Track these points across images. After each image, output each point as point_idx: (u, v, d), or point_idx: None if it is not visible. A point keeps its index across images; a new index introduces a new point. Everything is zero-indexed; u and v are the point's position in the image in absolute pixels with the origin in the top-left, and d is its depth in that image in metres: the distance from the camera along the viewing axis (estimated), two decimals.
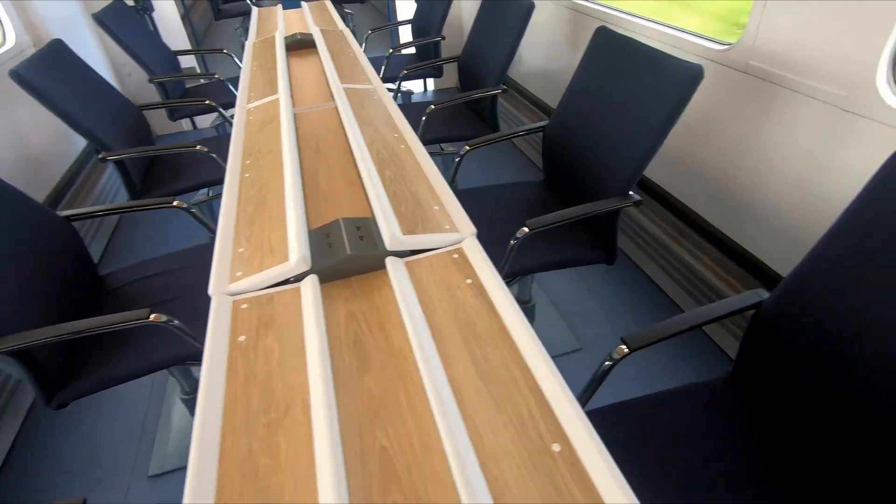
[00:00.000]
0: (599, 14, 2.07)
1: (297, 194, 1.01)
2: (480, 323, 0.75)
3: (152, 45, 2.58)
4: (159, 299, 1.31)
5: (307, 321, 0.76)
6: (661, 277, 1.88)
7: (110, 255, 2.27)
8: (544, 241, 1.36)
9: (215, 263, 0.88)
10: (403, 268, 0.86)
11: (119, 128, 1.83)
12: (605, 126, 1.35)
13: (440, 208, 1.00)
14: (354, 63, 1.85)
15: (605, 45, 1.42)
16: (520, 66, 2.97)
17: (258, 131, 1.37)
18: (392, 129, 1.33)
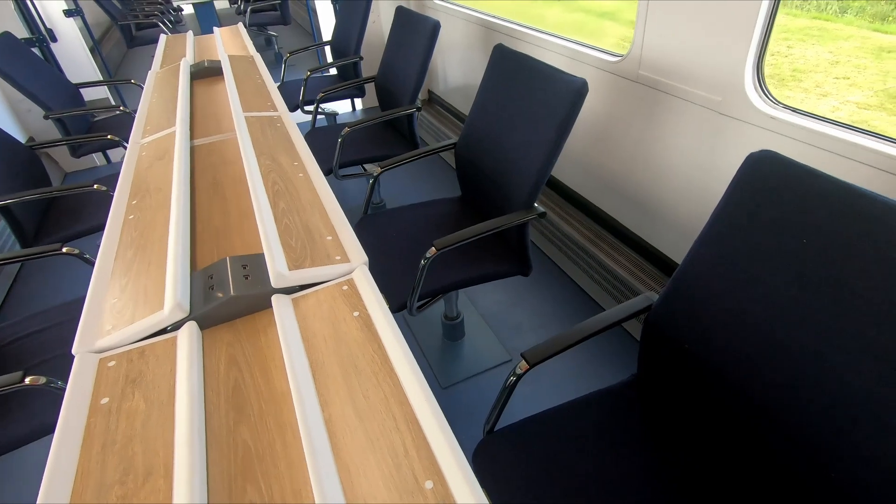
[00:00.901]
0: (504, 29, 2.13)
1: (180, 234, 0.96)
2: (363, 357, 0.73)
3: (49, 80, 2.42)
4: (48, 356, 1.21)
5: (180, 374, 0.71)
6: (585, 280, 1.93)
7: (7, 310, 2.09)
8: (459, 259, 1.36)
9: (83, 319, 0.81)
10: (290, 305, 0.83)
11: (7, 171, 1.70)
12: (507, 141, 1.37)
13: (333, 238, 0.97)
14: (261, 89, 1.81)
15: (503, 62, 1.45)
16: (443, 81, 3.01)
17: (147, 168, 1.30)
18: (292, 158, 1.30)
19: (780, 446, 0.74)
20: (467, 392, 1.58)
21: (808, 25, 7.94)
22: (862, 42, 6.63)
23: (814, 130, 1.09)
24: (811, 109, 1.15)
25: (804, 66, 6.30)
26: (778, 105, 1.17)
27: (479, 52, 2.45)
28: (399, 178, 2.79)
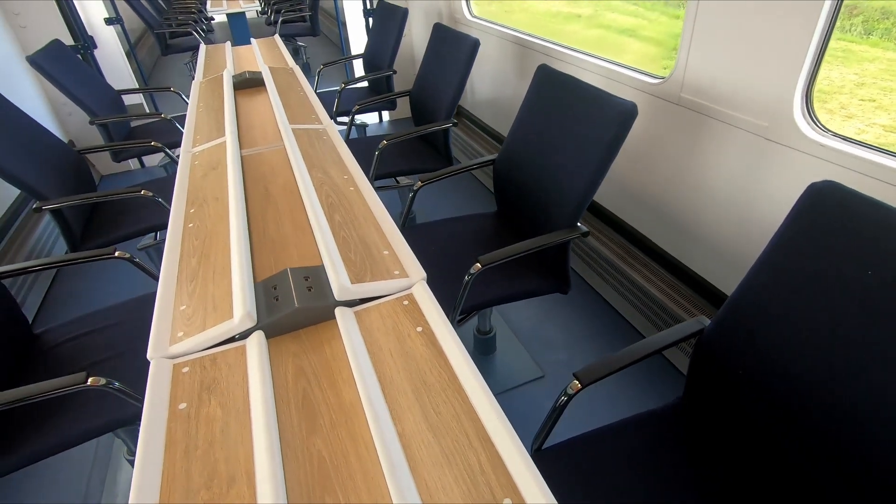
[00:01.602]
0: (542, 48, 2.16)
1: (243, 244, 0.99)
2: (431, 373, 0.74)
3: (93, 86, 2.50)
4: (100, 357, 1.24)
5: (252, 383, 0.74)
6: (618, 300, 1.93)
7: (48, 310, 2.14)
8: (499, 275, 1.38)
9: (154, 325, 0.84)
10: (353, 318, 0.85)
11: (56, 174, 1.75)
12: (550, 160, 1.39)
13: (389, 252, 1.00)
14: (304, 102, 1.85)
15: (547, 82, 1.48)
16: (472, 96, 3.05)
17: (203, 177, 1.34)
18: (342, 171, 1.33)
19: (834, 478, 0.74)
20: (502, 406, 1.59)
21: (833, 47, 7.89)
22: (888, 65, 6.58)
23: (864, 159, 1.09)
24: (837, 131, 1.16)
25: (829, 87, 6.26)
26: (827, 133, 1.17)
27: (512, 69, 2.49)
28: (430, 191, 2.82)
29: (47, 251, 2.43)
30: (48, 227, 2.49)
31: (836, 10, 1.09)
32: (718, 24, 1.31)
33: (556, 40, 2.10)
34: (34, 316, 2.10)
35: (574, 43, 2.20)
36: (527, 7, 9.24)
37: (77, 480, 1.46)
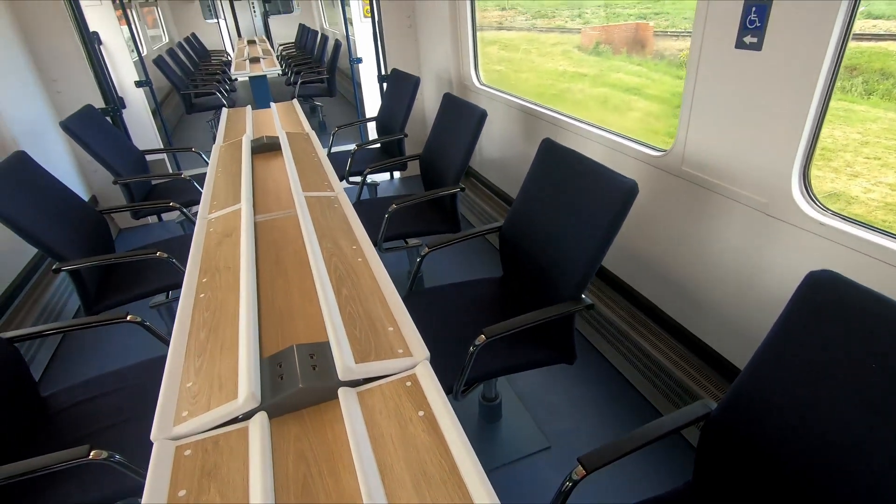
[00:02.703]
0: (547, 117, 2.25)
1: (251, 322, 1.01)
2: (431, 463, 0.74)
3: (119, 147, 2.63)
4: (105, 424, 1.24)
5: (253, 471, 0.74)
6: (625, 367, 1.91)
7: (57, 368, 2.15)
8: (504, 345, 1.38)
9: (160, 404, 0.85)
10: (356, 400, 0.86)
11: (77, 234, 1.82)
12: (555, 231, 1.42)
13: (394, 329, 1.01)
14: (318, 168, 1.93)
15: (550, 155, 1.54)
16: (481, 157, 3.15)
17: (217, 244, 1.39)
18: (351, 241, 1.37)
19: None
20: (507, 480, 1.54)
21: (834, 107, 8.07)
22: (890, 124, 6.70)
23: (863, 239, 1.11)
24: (842, 190, 1.17)
25: (832, 145, 6.36)
26: (826, 212, 1.20)
27: (519, 134, 2.58)
28: (437, 251, 2.86)
29: (60, 307, 2.47)
30: (63, 283, 2.55)
31: (829, 90, 1.14)
32: (716, 101, 1.37)
33: (565, 98, 2.19)
34: (41, 373, 2.11)
35: (581, 100, 2.30)
36: (535, 66, 9.68)
37: None
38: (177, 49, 5.94)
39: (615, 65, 11.50)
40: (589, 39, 7.37)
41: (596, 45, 8.15)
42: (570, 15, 7.91)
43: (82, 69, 2.99)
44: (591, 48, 8.23)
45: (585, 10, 7.52)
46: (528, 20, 8.11)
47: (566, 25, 7.74)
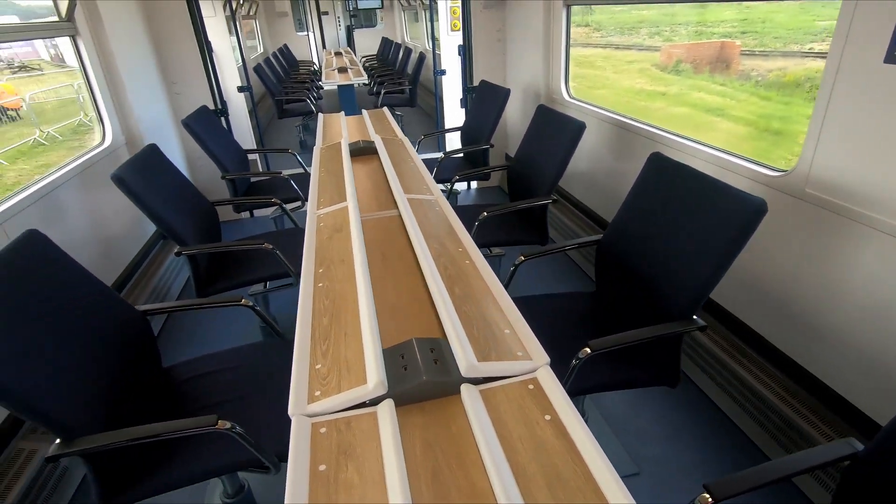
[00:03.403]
0: (645, 132, 2.19)
1: (371, 312, 1.05)
2: (565, 467, 0.73)
3: (226, 145, 2.84)
4: (220, 399, 1.33)
5: (386, 455, 0.76)
6: (722, 399, 1.79)
7: (165, 344, 2.34)
8: (604, 361, 1.34)
9: (294, 383, 0.90)
10: (479, 397, 0.86)
11: (194, 222, 1.98)
12: (663, 248, 1.37)
13: (511, 332, 1.01)
14: (415, 172, 1.99)
15: (660, 170, 1.49)
16: (568, 173, 3.11)
17: (328, 238, 1.45)
18: (456, 243, 1.39)
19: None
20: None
21: None
22: None
23: None
24: None
25: None
26: None
27: (610, 150, 2.53)
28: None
29: (169, 285, 2.69)
30: (171, 266, 2.77)
31: None
32: (856, 119, 1.27)
33: (641, 116, 2.13)
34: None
35: (658, 120, 2.22)
36: (611, 83, 9.47)
37: None
38: (271, 58, 6.36)
39: (696, 84, 11.03)
40: (669, 57, 7.12)
41: (676, 63, 7.84)
42: (649, 32, 7.67)
43: (198, 74, 3.27)
44: (670, 66, 7.94)
45: (665, 27, 7.28)
46: (604, 37, 7.95)
47: (644, 43, 7.51)
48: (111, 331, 1.25)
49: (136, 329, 1.36)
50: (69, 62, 9.19)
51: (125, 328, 1.31)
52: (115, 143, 2.59)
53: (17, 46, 13.93)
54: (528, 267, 2.77)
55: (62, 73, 13.29)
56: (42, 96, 10.92)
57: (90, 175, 2.32)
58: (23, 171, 7.71)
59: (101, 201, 2.38)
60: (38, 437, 1.61)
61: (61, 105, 10.81)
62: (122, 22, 2.72)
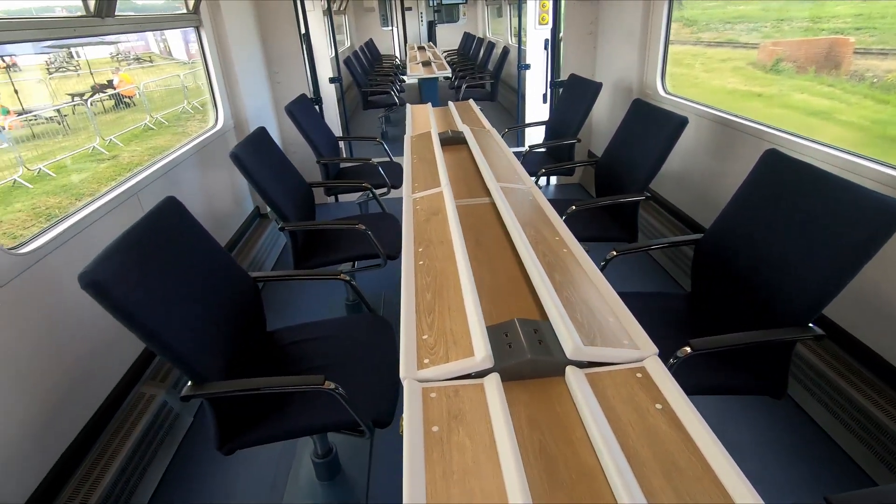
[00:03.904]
0: (755, 131, 2.06)
1: (473, 290, 1.08)
2: (680, 456, 0.72)
3: (321, 131, 2.99)
4: (319, 364, 1.42)
5: (496, 424, 0.78)
6: (824, 417, 1.66)
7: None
8: (703, 363, 1.29)
9: (404, 349, 0.94)
10: (585, 380, 0.87)
11: (294, 201, 2.11)
12: (777, 250, 1.29)
13: (615, 320, 1.00)
14: (506, 162, 2.00)
15: (776, 168, 1.40)
16: (658, 172, 2.99)
17: (425, 221, 1.50)
18: (552, 232, 1.39)
19: None
20: None
21: None
22: None
23: None
24: None
25: None
26: None
27: (707, 149, 2.40)
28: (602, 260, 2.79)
29: (263, 258, 2.89)
30: (267, 240, 2.98)
31: None
32: None
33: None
34: None
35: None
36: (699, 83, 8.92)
37: (266, 468, 1.65)
38: (358, 52, 6.61)
39: (799, 84, 10.16)
40: (768, 55, 6.58)
41: (776, 62, 7.25)
42: (745, 28, 7.13)
43: (297, 64, 3.47)
44: (769, 65, 7.35)
45: (765, 23, 6.74)
46: (694, 33, 7.48)
47: (739, 39, 6.99)
48: (229, 292, 1.37)
49: (249, 293, 1.48)
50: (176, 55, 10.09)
51: (240, 292, 1.43)
52: (226, 125, 2.82)
53: (133, 40, 15.46)
54: (614, 265, 2.70)
55: (169, 65, 14.59)
56: (152, 86, 12.06)
57: (204, 154, 2.54)
58: (135, 151, 8.57)
59: (211, 178, 2.61)
60: (156, 384, 1.80)
61: (168, 94, 11.88)
62: (237, 15, 2.94)
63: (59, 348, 1.46)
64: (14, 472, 1.27)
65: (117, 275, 1.01)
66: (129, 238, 1.13)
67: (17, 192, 6.73)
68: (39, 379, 1.37)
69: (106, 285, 0.96)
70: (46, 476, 1.35)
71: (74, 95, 10.44)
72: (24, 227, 5.85)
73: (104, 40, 13.71)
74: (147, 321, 1.01)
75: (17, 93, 10.29)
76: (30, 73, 12.41)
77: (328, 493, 1.56)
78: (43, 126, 9.40)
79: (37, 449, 1.34)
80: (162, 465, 1.66)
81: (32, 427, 1.33)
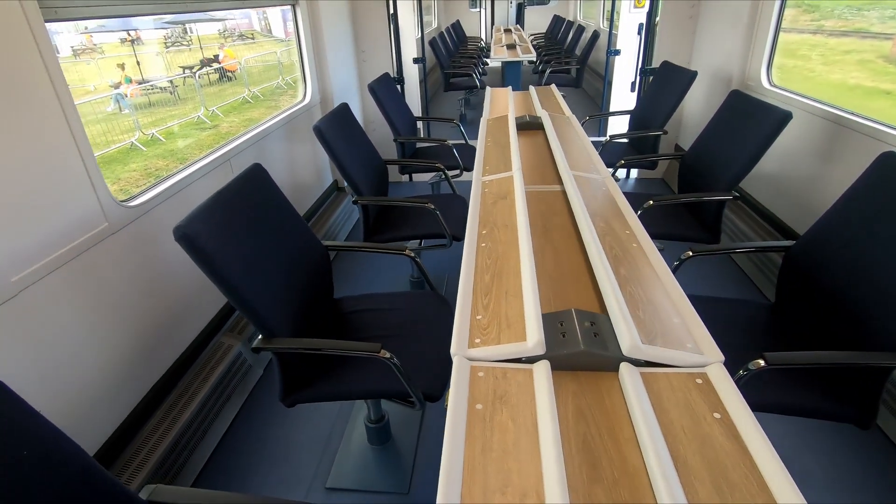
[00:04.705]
0: (873, 132, 1.83)
1: (532, 275, 1.07)
2: (734, 470, 0.68)
3: (400, 110, 3.06)
4: (378, 333, 1.48)
5: (541, 410, 0.78)
6: None
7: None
8: (779, 379, 1.19)
9: (457, 327, 0.96)
10: (640, 379, 0.83)
11: (369, 177, 2.19)
12: (882, 267, 1.15)
13: (680, 321, 0.95)
14: (582, 150, 1.93)
15: (893, 174, 1.24)
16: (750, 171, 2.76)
17: (493, 204, 1.50)
18: (623, 225, 1.33)
19: None
20: None
21: None
22: None
23: None
24: None
25: None
26: None
27: (812, 149, 2.17)
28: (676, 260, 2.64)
29: (337, 230, 3.04)
30: (342, 213, 3.11)
31: None
32: None
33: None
34: None
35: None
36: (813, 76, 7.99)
37: (322, 427, 1.76)
38: (444, 33, 6.61)
39: None
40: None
41: None
42: (880, 16, 6.25)
43: (383, 44, 3.55)
44: None
45: None
46: (815, 20, 6.68)
47: (870, 29, 6.14)
48: (302, 257, 1.46)
49: (320, 260, 1.56)
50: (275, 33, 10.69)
51: (312, 258, 1.51)
52: (313, 100, 2.96)
53: (238, 17, 16.53)
54: (691, 266, 2.55)
55: (268, 42, 15.47)
56: (252, 62, 12.86)
57: (291, 126, 2.69)
58: (233, 122, 9.25)
59: (296, 150, 2.76)
60: (234, 335, 1.97)
61: (265, 69, 12.63)
62: None
63: (156, 293, 1.63)
64: (111, 398, 1.45)
65: (206, 231, 1.11)
66: (219, 199, 1.24)
67: (132, 154, 7.53)
68: (138, 318, 1.55)
69: (196, 240, 1.06)
70: (137, 405, 1.54)
71: (185, 68, 11.42)
72: (136, 185, 6.55)
73: (213, 16, 14.79)
74: (229, 275, 1.11)
75: (139, 64, 11.43)
76: (150, 46, 13.70)
77: (377, 457, 1.63)
78: (158, 95, 10.40)
79: (131, 379, 1.52)
80: (234, 409, 1.83)
81: (128, 361, 1.51)
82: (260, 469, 1.62)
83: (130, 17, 1.62)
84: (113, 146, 7.54)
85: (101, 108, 8.59)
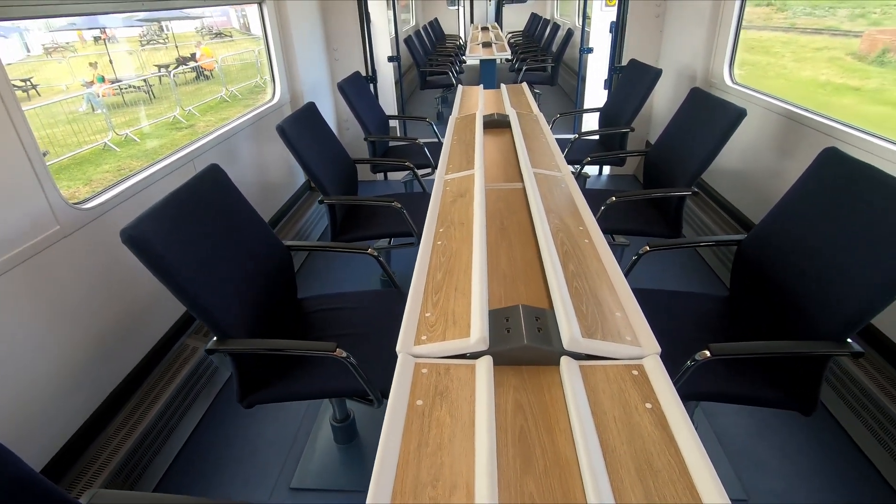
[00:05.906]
0: (823, 127, 1.89)
1: (483, 273, 1.08)
2: (659, 458, 0.70)
3: (372, 109, 3.05)
4: (339, 332, 1.48)
5: (479, 404, 0.79)
6: (864, 438, 1.54)
7: (300, 278, 2.64)
8: (725, 370, 1.23)
9: (405, 324, 0.97)
10: (578, 372, 0.85)
11: (337, 176, 2.18)
12: (825, 258, 1.19)
13: (622, 315, 0.98)
14: (545, 148, 1.96)
15: (834, 169, 1.28)
16: (714, 166, 2.82)
17: (451, 202, 1.51)
18: (577, 221, 1.36)
19: None
20: None
21: None
22: None
23: None
24: None
25: None
26: None
27: (770, 144, 2.23)
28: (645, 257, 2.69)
29: (309, 230, 3.02)
30: (313, 214, 3.10)
31: None
32: None
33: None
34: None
35: (844, 119, 1.88)
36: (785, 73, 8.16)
37: (288, 427, 1.75)
38: (421, 31, 6.61)
39: None
40: (872, 45, 5.91)
41: (882, 52, 6.48)
42: (850, 15, 6.40)
43: (355, 43, 3.54)
44: (873, 56, 6.58)
45: (874, 10, 6.03)
46: (787, 19, 6.81)
47: (840, 27, 6.29)
48: (262, 258, 1.45)
49: (281, 260, 1.56)
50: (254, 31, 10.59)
51: (273, 258, 1.51)
52: (282, 100, 2.94)
53: (215, 15, 16.24)
54: (653, 260, 2.60)
55: (246, 41, 15.27)
56: (230, 60, 12.69)
57: (259, 126, 2.67)
58: (209, 122, 9.11)
59: (265, 150, 2.74)
60: (199, 337, 1.95)
61: (243, 68, 12.47)
62: None
63: (116, 297, 1.61)
64: (69, 402, 1.43)
65: (155, 233, 1.10)
66: (172, 200, 1.23)
67: (105, 155, 7.38)
68: (97, 322, 1.53)
69: (143, 241, 1.06)
70: (96, 410, 1.52)
71: (160, 66, 11.21)
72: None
73: (189, 14, 14.52)
74: (179, 277, 1.10)
75: (112, 63, 11.18)
76: (124, 45, 13.41)
77: (343, 456, 1.64)
78: (133, 95, 10.20)
79: (90, 383, 1.50)
80: (200, 410, 1.81)
81: (86, 365, 1.49)
82: (225, 470, 1.61)
83: (75, 15, 1.59)
84: (85, 147, 7.39)
85: (72, 108, 8.40)
